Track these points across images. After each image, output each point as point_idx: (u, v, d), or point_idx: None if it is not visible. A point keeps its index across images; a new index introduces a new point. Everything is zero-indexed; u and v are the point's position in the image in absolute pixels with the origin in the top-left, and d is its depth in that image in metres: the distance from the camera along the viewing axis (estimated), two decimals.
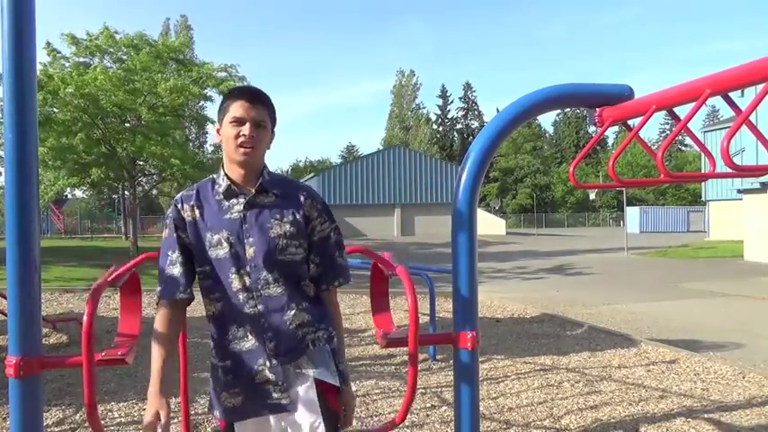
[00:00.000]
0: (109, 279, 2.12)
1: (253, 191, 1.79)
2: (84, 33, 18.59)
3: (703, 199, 31.66)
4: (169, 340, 1.77)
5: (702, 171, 20.60)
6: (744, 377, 5.18)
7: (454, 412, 2.32)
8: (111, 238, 31.95)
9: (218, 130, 1.84)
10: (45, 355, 1.92)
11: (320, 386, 1.77)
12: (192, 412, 4.09)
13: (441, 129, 73.94)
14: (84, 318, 1.84)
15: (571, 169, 2.20)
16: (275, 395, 1.74)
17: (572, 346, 6.48)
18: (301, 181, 1.97)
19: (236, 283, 1.73)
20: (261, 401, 1.75)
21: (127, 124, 19.50)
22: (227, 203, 1.78)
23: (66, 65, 18.75)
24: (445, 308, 7.55)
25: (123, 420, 4.04)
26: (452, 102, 75.22)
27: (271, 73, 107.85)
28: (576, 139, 71.98)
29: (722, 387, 4.89)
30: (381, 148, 56.21)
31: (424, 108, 72.82)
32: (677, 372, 5.40)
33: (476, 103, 76.24)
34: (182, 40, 23.06)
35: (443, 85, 76.82)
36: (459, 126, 75.56)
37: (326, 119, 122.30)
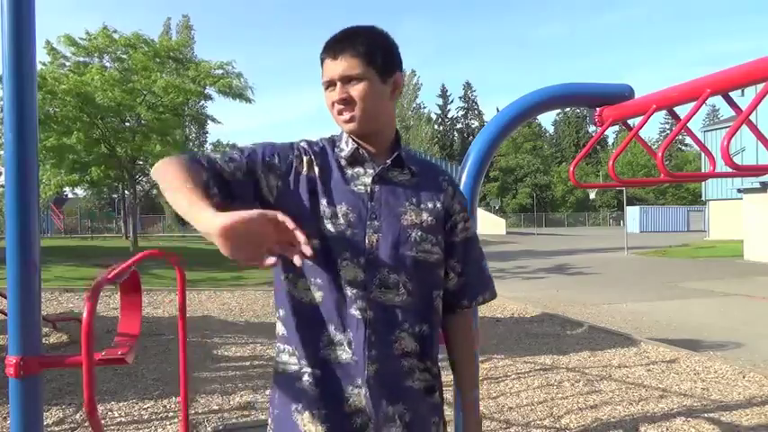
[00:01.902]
0: (109, 276, 2.12)
1: (387, 161, 1.37)
2: (83, 33, 18.65)
3: (703, 198, 31.66)
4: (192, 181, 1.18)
5: (702, 170, 20.59)
6: (744, 377, 5.18)
7: (454, 412, 2.33)
8: (111, 237, 31.94)
9: None
10: (45, 355, 1.92)
11: None
12: (192, 412, 4.10)
13: (441, 128, 73.94)
14: (84, 315, 1.84)
15: (571, 169, 2.20)
16: None
17: (572, 345, 6.48)
18: None
19: (347, 273, 1.29)
20: None
21: (126, 123, 19.52)
22: (350, 171, 1.36)
23: (67, 64, 18.79)
24: None
25: (123, 420, 4.04)
26: (452, 101, 75.33)
27: (271, 72, 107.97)
28: (576, 139, 71.99)
29: (722, 386, 4.89)
30: None
31: (424, 108, 72.92)
32: (677, 371, 5.40)
33: (476, 103, 76.28)
34: (179, 40, 23.07)
35: (443, 85, 77.00)
36: (459, 126, 75.61)
37: (326, 118, 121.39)
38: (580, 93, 2.32)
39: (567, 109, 65.13)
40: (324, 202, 1.32)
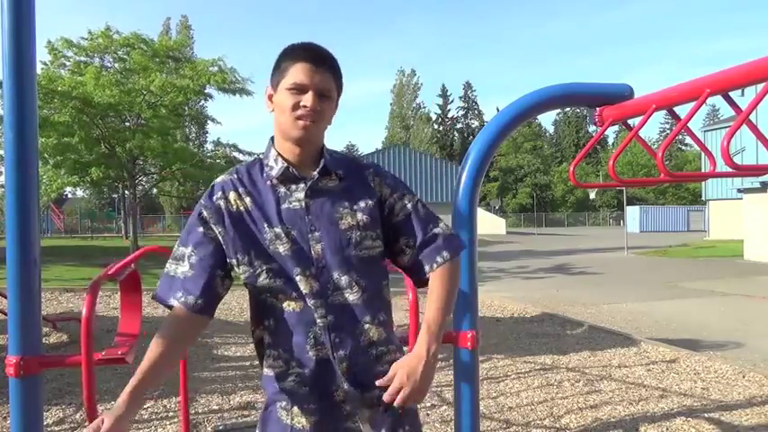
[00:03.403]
0: (109, 272, 2.12)
1: (315, 174, 1.43)
2: (85, 32, 18.67)
3: (703, 198, 31.67)
4: (163, 348, 1.47)
5: (702, 170, 20.57)
6: (744, 376, 5.18)
7: (454, 411, 2.32)
8: (111, 237, 31.94)
9: (270, 97, 1.47)
10: (45, 355, 1.92)
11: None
12: (192, 412, 4.10)
13: (441, 128, 73.94)
14: (84, 311, 1.84)
15: (571, 168, 2.20)
16: (351, 424, 1.42)
17: (572, 345, 6.48)
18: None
19: (303, 286, 1.39)
20: (340, 423, 1.42)
21: (127, 123, 19.51)
22: (282, 190, 1.43)
23: (67, 64, 18.80)
24: None
25: None
26: (453, 101, 75.33)
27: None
28: (576, 139, 72.02)
29: (722, 386, 4.89)
30: (381, 147, 56.23)
31: (424, 107, 72.91)
32: (677, 371, 5.40)
33: (476, 103, 76.30)
34: (177, 40, 23.08)
35: (444, 85, 76.96)
36: (459, 125, 75.62)
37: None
38: (580, 93, 2.32)
39: (567, 109, 65.15)
40: (265, 226, 1.41)
